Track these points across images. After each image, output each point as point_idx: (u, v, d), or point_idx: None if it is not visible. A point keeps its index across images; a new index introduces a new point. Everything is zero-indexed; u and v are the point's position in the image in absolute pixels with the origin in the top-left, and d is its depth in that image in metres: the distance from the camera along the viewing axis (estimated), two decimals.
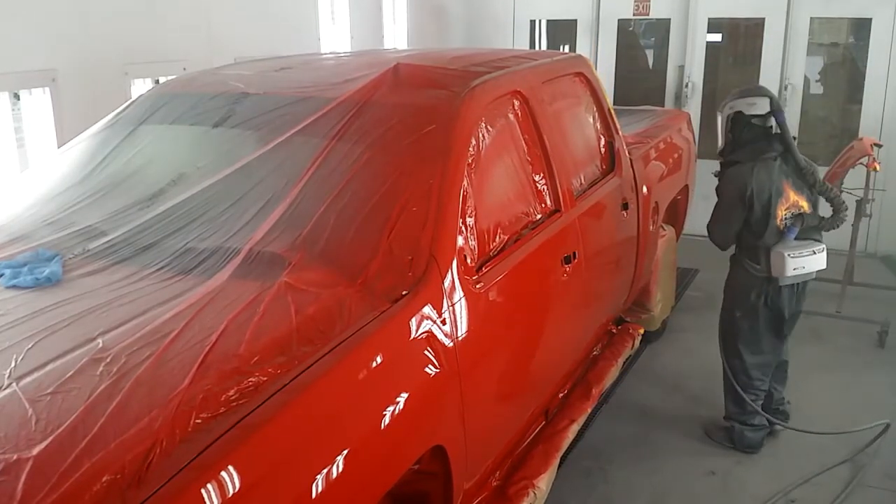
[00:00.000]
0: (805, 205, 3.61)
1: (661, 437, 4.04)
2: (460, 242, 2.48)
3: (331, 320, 2.06)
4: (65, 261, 2.37)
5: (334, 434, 1.86)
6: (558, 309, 3.23)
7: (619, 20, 7.55)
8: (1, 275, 2.29)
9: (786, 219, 3.58)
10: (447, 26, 7.81)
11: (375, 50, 5.80)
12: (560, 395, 3.60)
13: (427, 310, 2.25)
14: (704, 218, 3.93)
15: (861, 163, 5.16)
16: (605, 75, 6.83)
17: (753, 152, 3.63)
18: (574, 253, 3.23)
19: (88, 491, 1.48)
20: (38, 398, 1.71)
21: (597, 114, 4.05)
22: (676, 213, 5.30)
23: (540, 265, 3.03)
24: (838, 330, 5.27)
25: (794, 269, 3.55)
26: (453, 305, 2.36)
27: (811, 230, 3.64)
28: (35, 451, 1.54)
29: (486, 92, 2.94)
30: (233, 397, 1.74)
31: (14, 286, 2.24)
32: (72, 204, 2.75)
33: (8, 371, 1.81)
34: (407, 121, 2.74)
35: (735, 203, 3.64)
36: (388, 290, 2.23)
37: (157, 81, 4.21)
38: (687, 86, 7.27)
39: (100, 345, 1.90)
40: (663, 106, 7.27)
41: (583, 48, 7.57)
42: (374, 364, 2.04)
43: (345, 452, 1.84)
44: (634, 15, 7.49)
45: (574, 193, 3.41)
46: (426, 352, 2.22)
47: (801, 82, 6.96)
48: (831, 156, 5.97)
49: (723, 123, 3.77)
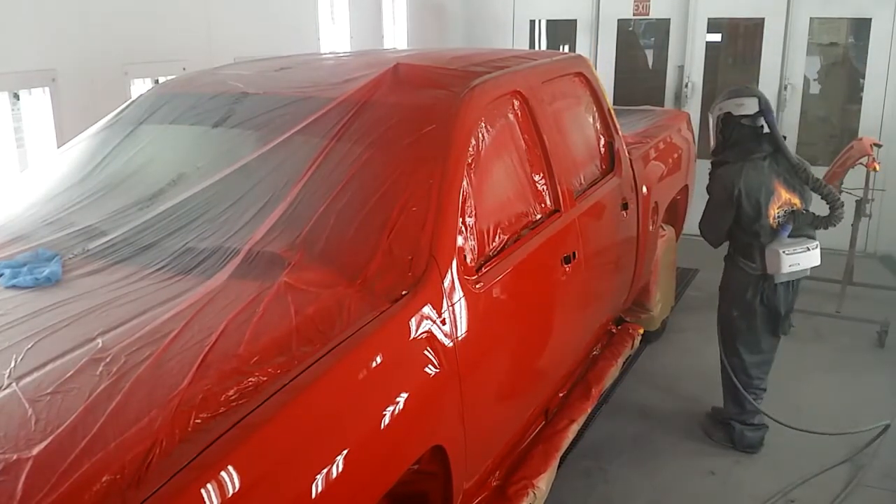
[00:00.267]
0: (798, 202, 3.62)
1: (661, 437, 4.04)
2: (460, 242, 2.48)
3: (330, 320, 2.06)
4: (64, 261, 2.37)
5: (334, 434, 1.86)
6: (558, 309, 3.23)
7: (619, 20, 7.55)
8: (1, 275, 2.29)
9: (778, 217, 3.59)
10: (447, 26, 7.81)
11: (375, 50, 5.80)
12: (560, 395, 3.60)
13: (427, 310, 2.25)
14: None
15: (861, 163, 5.16)
16: (605, 75, 6.83)
17: (742, 152, 3.64)
18: (574, 253, 3.23)
19: (88, 491, 1.48)
20: (38, 398, 1.71)
21: (596, 114, 4.05)
22: (676, 213, 5.30)
23: (540, 265, 3.03)
24: (838, 330, 5.27)
25: (790, 266, 3.56)
26: (453, 305, 2.36)
27: (804, 227, 3.65)
28: (35, 451, 1.54)
29: (486, 92, 2.94)
30: (232, 397, 1.74)
31: (14, 286, 2.24)
32: (71, 204, 2.75)
33: (8, 371, 1.81)
34: (407, 121, 2.74)
35: (723, 202, 3.65)
36: (388, 290, 2.23)
37: (157, 81, 4.21)
38: (686, 86, 7.27)
39: (99, 345, 1.90)
40: (663, 106, 7.27)
41: (582, 48, 7.57)
42: (374, 364, 2.04)
43: (344, 452, 1.85)
44: (634, 15, 7.49)
45: (574, 193, 3.41)
46: (426, 352, 2.22)
47: (801, 82, 6.96)
48: (831, 156, 5.98)
49: (713, 125, 3.79)
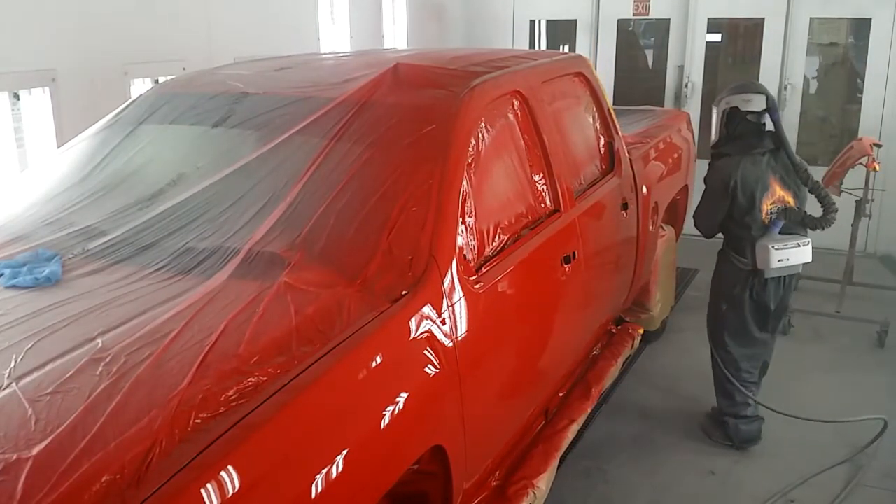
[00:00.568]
0: (791, 201, 3.64)
1: (661, 437, 4.04)
2: (460, 242, 2.48)
3: (330, 320, 2.06)
4: (64, 261, 2.37)
5: (334, 434, 1.86)
6: (558, 309, 3.23)
7: (619, 20, 7.55)
8: (1, 275, 2.29)
9: (770, 213, 3.60)
10: (447, 26, 7.81)
11: (375, 50, 5.80)
12: (560, 395, 3.60)
13: (427, 310, 2.25)
14: None
15: (861, 163, 5.16)
16: (605, 75, 6.83)
17: (744, 147, 3.66)
18: (574, 253, 3.23)
19: (88, 491, 1.48)
20: (38, 398, 1.71)
21: (596, 114, 4.05)
22: (676, 213, 5.30)
23: (539, 265, 3.03)
24: (838, 330, 5.28)
25: (779, 261, 3.57)
26: (453, 305, 2.36)
27: (796, 225, 3.67)
28: (35, 451, 1.54)
29: (486, 92, 2.94)
30: (232, 397, 1.74)
31: (14, 286, 2.24)
32: (71, 204, 2.75)
33: (8, 371, 1.81)
34: (406, 121, 2.74)
35: (719, 193, 3.67)
36: (388, 290, 2.23)
37: (157, 81, 4.21)
38: (686, 86, 7.27)
39: (99, 345, 1.90)
40: (663, 106, 7.27)
41: (582, 48, 7.57)
42: (374, 364, 2.04)
43: (344, 452, 1.85)
44: (634, 15, 7.49)
45: (574, 193, 3.41)
46: (426, 352, 2.22)
47: (801, 82, 6.96)
48: (831, 156, 5.98)
49: (718, 117, 3.80)
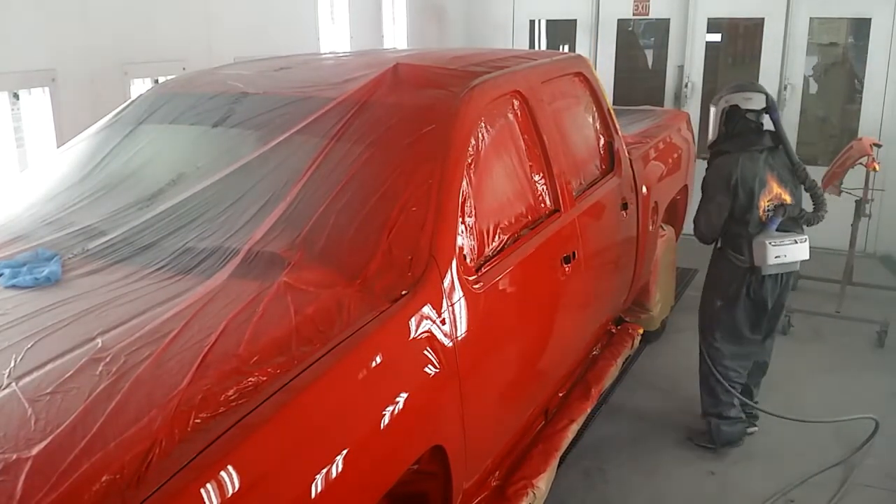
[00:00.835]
0: (787, 198, 3.64)
1: (661, 437, 4.04)
2: (460, 242, 2.48)
3: (330, 320, 2.06)
4: (64, 260, 2.37)
5: (334, 434, 1.86)
6: (558, 309, 3.23)
7: (619, 20, 7.55)
8: (0, 274, 2.29)
9: (768, 210, 3.60)
10: (447, 26, 7.81)
11: (375, 50, 5.80)
12: (559, 395, 3.60)
13: (426, 310, 2.25)
14: None
15: (860, 163, 5.16)
16: (605, 75, 6.82)
17: (743, 144, 3.67)
18: (573, 253, 3.23)
19: (88, 491, 1.48)
20: (38, 398, 1.71)
21: (596, 114, 4.05)
22: (676, 213, 5.30)
23: (539, 265, 3.03)
24: (838, 330, 5.28)
25: (777, 258, 3.57)
26: (453, 305, 2.36)
27: (793, 223, 3.66)
28: (34, 451, 1.54)
29: (486, 92, 2.94)
30: (232, 397, 1.74)
31: (13, 286, 2.24)
32: (71, 204, 2.75)
33: (7, 371, 1.81)
34: (406, 121, 2.74)
35: (721, 190, 3.66)
36: (388, 290, 2.23)
37: (157, 81, 4.21)
38: (686, 86, 7.27)
39: (99, 345, 1.90)
40: (663, 106, 7.27)
41: (582, 48, 7.57)
42: (374, 364, 2.04)
43: (344, 452, 1.85)
44: (634, 15, 7.50)
45: (573, 193, 3.41)
46: (426, 352, 2.22)
47: (801, 82, 6.96)
48: (831, 156, 5.98)
49: (717, 116, 3.80)
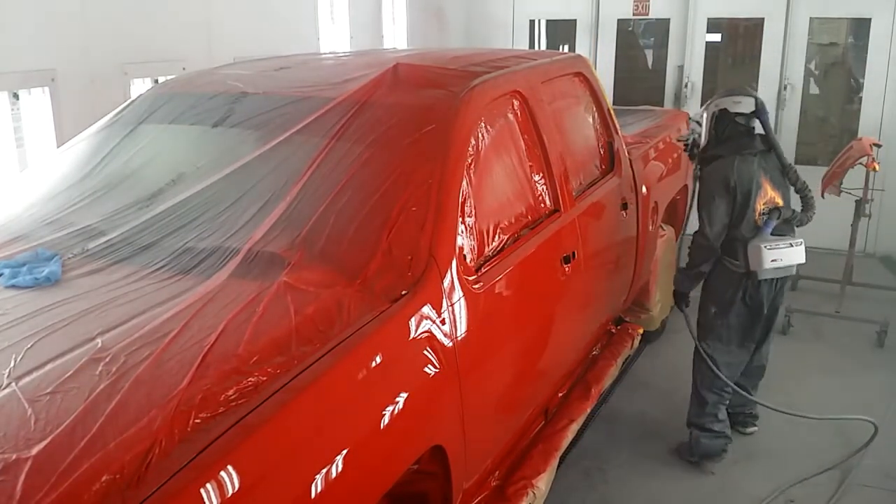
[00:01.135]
0: (780, 201, 3.63)
1: (661, 437, 4.04)
2: (459, 242, 2.49)
3: (330, 320, 2.06)
4: (64, 260, 2.37)
5: (333, 434, 1.86)
6: (557, 309, 3.23)
7: (619, 20, 7.54)
8: (0, 274, 2.29)
9: (763, 213, 3.59)
10: (447, 26, 7.81)
11: (375, 50, 5.80)
12: (559, 395, 3.60)
13: (426, 310, 2.25)
14: None
15: (860, 163, 5.16)
16: (605, 75, 6.83)
17: (734, 148, 3.64)
18: (573, 253, 3.23)
19: (88, 491, 1.48)
20: (38, 398, 1.71)
21: (596, 114, 4.05)
22: (676, 213, 5.30)
23: (539, 265, 3.03)
24: (838, 330, 5.27)
25: (773, 261, 3.53)
26: (452, 305, 2.36)
27: (787, 227, 3.65)
28: (34, 451, 1.54)
29: (486, 92, 2.94)
30: (232, 397, 1.74)
31: (13, 286, 2.24)
32: (71, 204, 2.75)
33: (7, 371, 1.81)
34: (406, 121, 2.74)
35: (721, 193, 3.59)
36: (388, 290, 2.23)
37: (157, 81, 4.21)
38: (686, 86, 7.27)
39: (99, 345, 1.90)
40: (663, 106, 7.27)
41: (582, 48, 7.57)
42: (374, 364, 2.04)
43: (344, 452, 1.85)
44: (634, 15, 7.49)
45: (573, 193, 3.41)
46: (425, 352, 2.22)
47: (801, 82, 6.96)
48: (831, 156, 5.98)
49: (707, 121, 3.79)
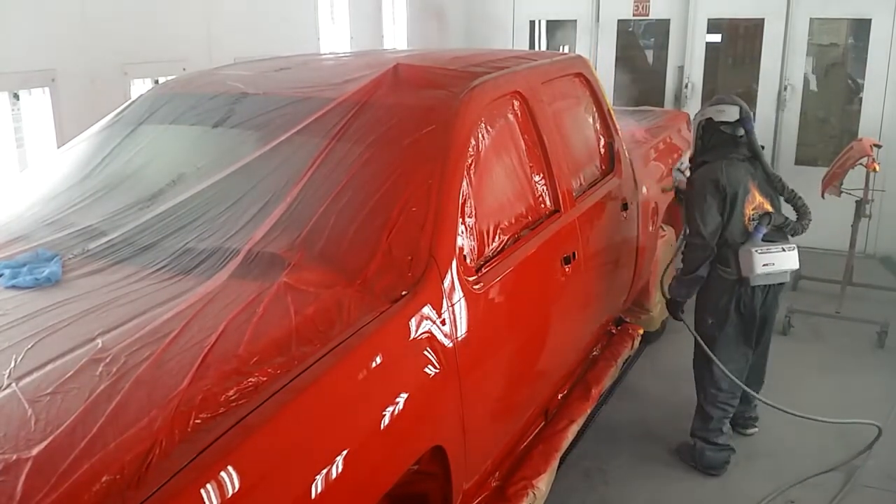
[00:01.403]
0: (769, 208, 3.61)
1: (661, 438, 4.04)
2: (460, 243, 2.49)
3: (330, 320, 2.06)
4: (64, 261, 2.37)
5: (334, 434, 1.86)
6: (558, 309, 3.23)
7: (619, 20, 7.55)
8: (1, 275, 2.29)
9: (753, 219, 3.56)
10: (447, 26, 7.81)
11: (375, 50, 5.80)
12: (559, 396, 3.60)
13: (426, 310, 2.25)
14: None
15: (860, 163, 5.16)
16: (605, 76, 6.83)
17: (719, 154, 3.63)
18: (573, 253, 3.23)
19: (88, 491, 1.48)
20: (38, 398, 1.71)
21: (596, 114, 4.05)
22: (676, 214, 5.29)
23: (539, 266, 3.03)
24: (838, 330, 5.27)
25: (764, 266, 3.49)
26: (453, 306, 2.36)
27: (779, 234, 3.62)
28: (35, 452, 1.54)
29: (486, 92, 2.94)
30: (232, 398, 1.74)
31: (14, 286, 2.24)
32: (71, 204, 2.75)
33: (8, 371, 1.81)
34: (406, 121, 2.74)
35: (712, 192, 3.55)
36: (388, 291, 2.23)
37: (157, 81, 4.21)
38: (686, 86, 7.27)
39: (99, 345, 1.90)
40: (663, 106, 7.28)
41: (582, 48, 7.57)
42: (374, 364, 2.04)
43: (344, 453, 1.85)
44: (634, 15, 7.50)
45: (573, 194, 3.41)
46: (426, 352, 2.22)
47: (801, 83, 6.96)
48: (831, 157, 5.98)
49: (695, 130, 3.80)
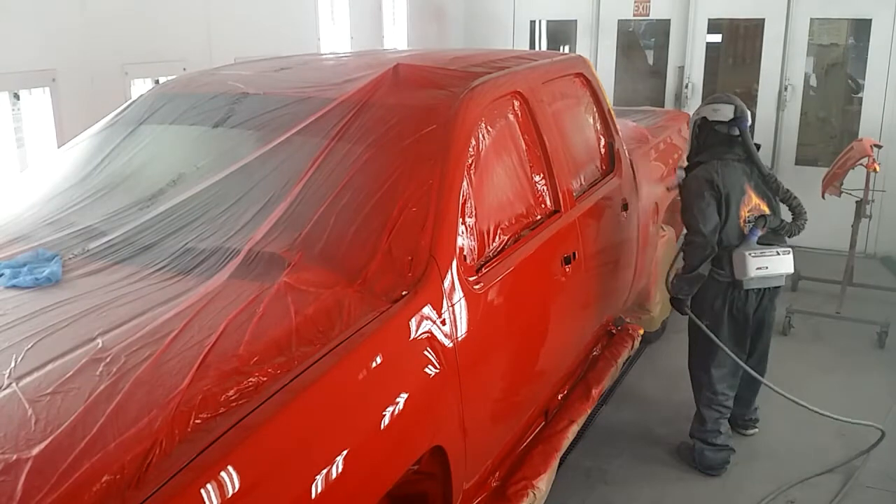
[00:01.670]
0: (765, 209, 3.59)
1: (661, 438, 4.04)
2: (460, 243, 2.49)
3: (330, 320, 2.06)
4: (64, 261, 2.37)
5: (334, 434, 1.86)
6: (558, 309, 3.23)
7: (619, 21, 7.55)
8: (1, 275, 2.29)
9: (748, 221, 3.55)
10: (447, 27, 7.81)
11: (375, 50, 5.79)
12: (560, 396, 3.60)
13: (427, 310, 2.25)
14: None
15: (861, 164, 5.16)
16: (605, 76, 6.83)
17: (714, 154, 3.63)
18: (574, 253, 3.23)
19: (88, 491, 1.48)
20: (38, 398, 1.71)
21: (596, 114, 4.05)
22: (676, 214, 5.29)
23: (540, 266, 3.03)
24: (838, 330, 5.27)
25: (758, 269, 3.46)
26: (453, 306, 2.36)
27: (776, 237, 3.60)
28: (35, 451, 1.54)
29: (486, 92, 2.94)
30: (232, 397, 1.74)
31: (14, 286, 2.24)
32: (71, 204, 2.75)
33: (8, 371, 1.81)
34: (406, 121, 2.74)
35: (707, 192, 3.54)
36: (388, 291, 2.23)
37: (157, 81, 4.21)
38: (687, 86, 7.27)
39: (99, 345, 1.90)
40: (663, 106, 7.28)
41: (583, 48, 7.57)
42: (374, 364, 2.04)
43: (344, 453, 1.85)
44: (634, 15, 7.50)
45: (574, 194, 3.41)
46: (426, 352, 2.22)
47: (801, 83, 6.96)
48: (831, 157, 5.98)
49: (691, 130, 3.79)
